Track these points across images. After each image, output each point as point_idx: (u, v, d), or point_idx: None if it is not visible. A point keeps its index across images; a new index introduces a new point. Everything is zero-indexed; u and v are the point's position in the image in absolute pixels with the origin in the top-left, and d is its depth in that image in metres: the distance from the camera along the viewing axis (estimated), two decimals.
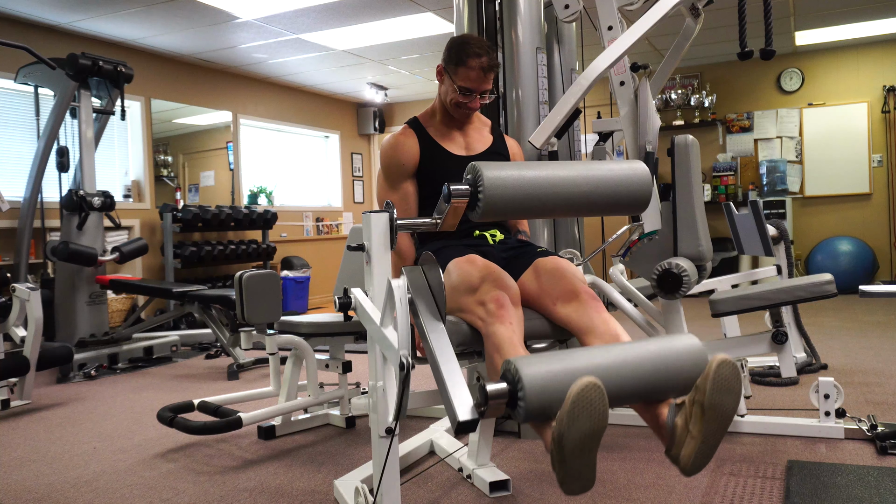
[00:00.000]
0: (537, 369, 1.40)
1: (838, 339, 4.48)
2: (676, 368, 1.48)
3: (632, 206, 1.69)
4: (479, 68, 2.13)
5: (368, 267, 1.72)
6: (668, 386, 1.48)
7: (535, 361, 1.42)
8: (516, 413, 1.40)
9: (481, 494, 2.15)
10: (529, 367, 1.40)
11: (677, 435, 1.47)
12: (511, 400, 1.40)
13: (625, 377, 1.44)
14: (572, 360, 1.42)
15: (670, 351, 1.49)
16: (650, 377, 1.45)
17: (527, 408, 1.37)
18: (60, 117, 4.68)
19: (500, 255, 2.05)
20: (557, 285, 1.87)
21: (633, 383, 1.45)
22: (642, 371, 1.45)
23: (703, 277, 2.67)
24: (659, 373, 1.46)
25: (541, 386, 1.38)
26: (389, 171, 2.24)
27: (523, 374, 1.38)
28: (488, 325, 1.70)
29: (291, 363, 2.92)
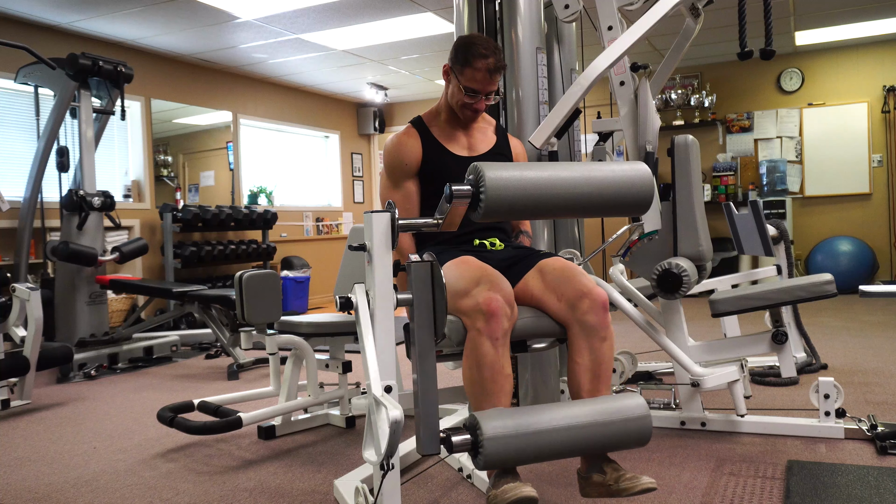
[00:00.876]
0: (498, 428, 1.58)
1: (838, 339, 4.48)
2: (618, 435, 1.68)
3: (634, 207, 1.69)
4: (486, 69, 2.13)
5: (369, 267, 1.72)
6: (607, 448, 1.71)
7: (496, 418, 1.60)
8: (476, 462, 1.59)
9: (481, 494, 2.15)
10: (490, 425, 1.57)
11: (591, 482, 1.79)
12: (473, 450, 1.60)
13: (573, 442, 1.64)
14: (531, 420, 1.61)
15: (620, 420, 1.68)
16: (594, 442, 1.67)
17: (485, 461, 1.57)
18: (60, 117, 4.68)
19: (499, 260, 2.06)
20: (567, 283, 1.90)
21: (578, 446, 1.66)
22: (589, 437, 1.65)
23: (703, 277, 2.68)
24: (603, 439, 1.67)
25: (499, 444, 1.57)
26: (392, 170, 2.24)
27: (485, 431, 1.56)
28: (476, 338, 1.78)
29: (291, 363, 2.92)
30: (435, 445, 1.63)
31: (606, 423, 1.66)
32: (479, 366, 1.76)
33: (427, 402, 1.64)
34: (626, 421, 1.67)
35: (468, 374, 1.80)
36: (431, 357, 1.67)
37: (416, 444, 1.64)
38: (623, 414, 1.67)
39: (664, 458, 2.42)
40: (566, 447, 1.63)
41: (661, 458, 2.42)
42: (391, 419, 1.44)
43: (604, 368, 1.86)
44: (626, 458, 2.43)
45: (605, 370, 1.86)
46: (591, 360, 1.86)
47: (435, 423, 1.64)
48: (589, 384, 1.85)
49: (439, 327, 1.68)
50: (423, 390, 1.65)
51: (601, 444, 1.67)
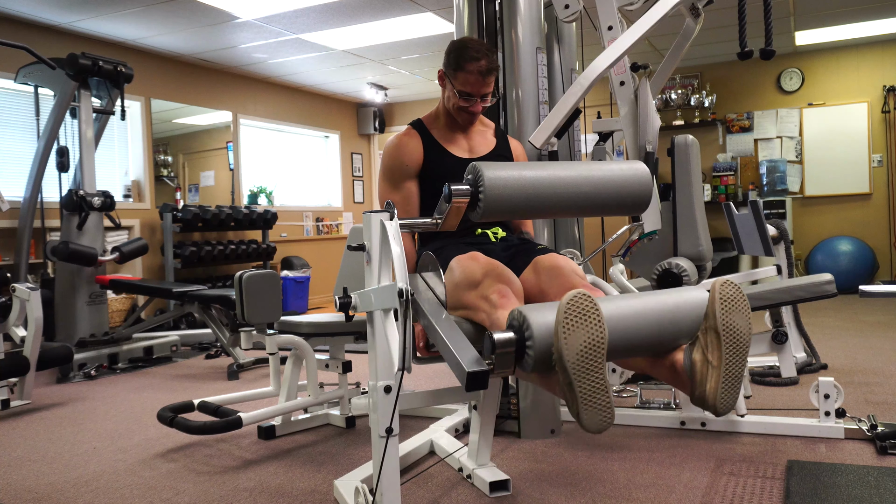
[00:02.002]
0: (544, 315, 1.38)
1: (838, 339, 4.48)
2: (685, 312, 1.47)
3: (632, 206, 1.69)
4: (478, 72, 2.12)
5: (369, 267, 1.72)
6: (679, 330, 1.47)
7: (542, 308, 1.40)
8: (524, 363, 1.38)
9: (481, 494, 2.15)
10: (536, 313, 1.39)
11: (698, 371, 1.45)
12: (519, 348, 1.38)
13: (635, 324, 1.43)
14: None
15: (678, 298, 1.50)
16: (660, 321, 1.45)
17: (535, 355, 1.35)
18: (60, 117, 4.68)
19: (502, 252, 2.05)
20: (555, 283, 1.87)
21: (643, 329, 1.43)
22: (651, 316, 1.44)
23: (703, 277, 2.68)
24: (668, 316, 1.45)
25: (549, 331, 1.35)
26: (392, 171, 2.24)
27: (531, 319, 1.37)
28: (492, 315, 1.67)
29: (291, 363, 2.92)
30: (478, 360, 1.43)
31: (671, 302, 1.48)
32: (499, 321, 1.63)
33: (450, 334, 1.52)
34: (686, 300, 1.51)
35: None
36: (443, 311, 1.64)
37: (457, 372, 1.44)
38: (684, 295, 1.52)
39: (664, 458, 2.42)
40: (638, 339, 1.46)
41: (661, 458, 2.42)
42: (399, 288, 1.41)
43: None
44: (627, 457, 2.43)
45: None
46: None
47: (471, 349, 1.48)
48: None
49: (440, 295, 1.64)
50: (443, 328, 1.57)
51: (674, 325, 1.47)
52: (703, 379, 1.44)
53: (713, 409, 1.44)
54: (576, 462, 2.40)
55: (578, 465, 2.36)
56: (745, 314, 1.45)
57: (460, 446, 2.46)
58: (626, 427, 2.80)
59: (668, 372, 1.55)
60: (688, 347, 1.51)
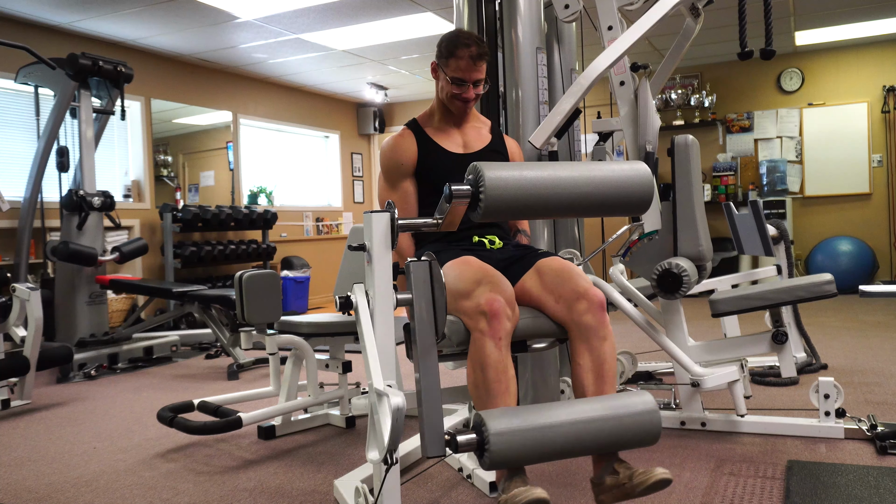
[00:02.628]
0: (504, 426, 1.55)
1: (838, 339, 4.48)
2: (627, 432, 1.64)
3: (633, 207, 1.69)
4: (469, 57, 2.16)
5: (369, 267, 1.72)
6: (616, 446, 1.67)
7: (502, 416, 1.57)
8: (482, 462, 1.56)
9: (481, 494, 2.15)
10: (496, 423, 1.55)
11: (604, 486, 1.72)
12: (479, 450, 1.56)
13: (580, 439, 1.60)
14: (537, 417, 1.59)
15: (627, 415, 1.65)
16: (603, 439, 1.63)
17: (491, 461, 1.54)
18: (60, 117, 4.68)
19: (499, 259, 2.06)
20: (564, 284, 1.89)
21: (586, 444, 1.62)
22: (597, 434, 1.61)
23: (703, 277, 2.68)
24: (612, 436, 1.63)
25: (506, 442, 1.53)
26: (389, 171, 2.27)
27: (490, 430, 1.53)
28: (479, 339, 1.77)
29: (291, 363, 2.92)
30: (440, 447, 1.60)
31: (614, 418, 1.62)
32: (482, 367, 1.76)
33: (430, 402, 1.63)
34: (633, 416, 1.64)
35: (472, 376, 1.80)
36: (433, 356, 1.67)
37: (421, 446, 1.61)
38: (630, 409, 1.64)
39: (664, 458, 2.42)
40: (574, 445, 1.59)
41: (661, 458, 2.42)
42: (393, 407, 1.43)
43: (606, 368, 1.85)
44: (627, 457, 2.42)
45: (607, 369, 1.85)
46: (592, 361, 1.85)
47: (439, 424, 1.62)
48: (593, 384, 1.84)
49: (439, 327, 1.68)
50: (425, 389, 1.64)
51: (609, 441, 1.63)
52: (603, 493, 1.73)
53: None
54: (576, 462, 2.40)
55: (578, 465, 2.36)
56: None
57: None
58: None
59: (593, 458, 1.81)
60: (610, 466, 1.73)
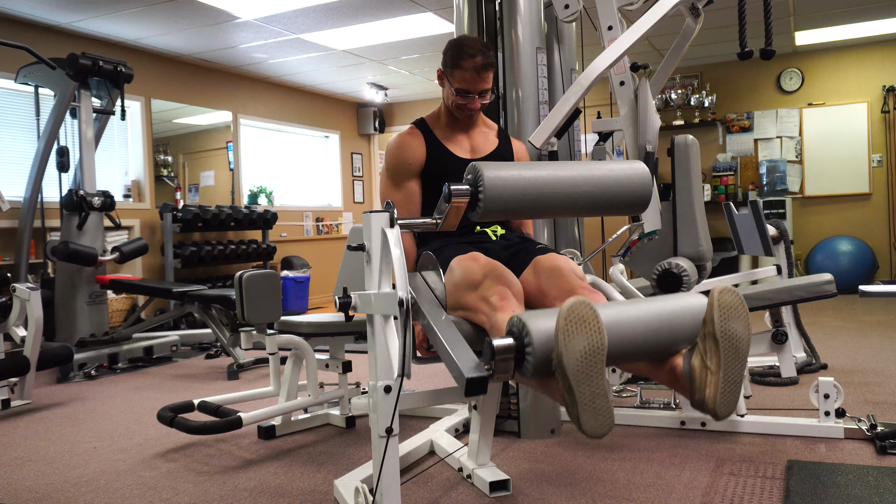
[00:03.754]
0: (544, 322, 1.39)
1: (838, 339, 4.48)
2: (684, 319, 1.49)
3: (632, 206, 1.69)
4: (473, 69, 2.14)
5: (368, 267, 1.72)
6: (678, 337, 1.48)
7: (541, 315, 1.42)
8: (524, 368, 1.39)
9: (481, 494, 2.15)
10: (535, 320, 1.40)
11: (697, 376, 1.47)
12: (518, 354, 1.39)
13: (634, 330, 1.44)
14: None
15: (676, 305, 1.51)
16: (659, 328, 1.46)
17: (534, 361, 1.36)
18: (60, 117, 4.68)
19: (502, 252, 2.05)
20: (555, 284, 1.87)
21: (642, 336, 1.44)
22: (650, 323, 1.46)
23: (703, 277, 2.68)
24: (667, 323, 1.47)
25: (548, 337, 1.36)
26: (395, 170, 2.24)
27: (530, 326, 1.38)
28: (492, 317, 1.68)
29: (291, 363, 2.92)
30: (477, 366, 1.45)
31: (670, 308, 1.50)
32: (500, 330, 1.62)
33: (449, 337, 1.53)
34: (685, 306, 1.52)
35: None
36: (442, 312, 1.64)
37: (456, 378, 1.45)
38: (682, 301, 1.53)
39: (664, 458, 2.42)
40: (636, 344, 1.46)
41: (661, 458, 2.42)
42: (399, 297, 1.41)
43: None
44: (627, 457, 2.43)
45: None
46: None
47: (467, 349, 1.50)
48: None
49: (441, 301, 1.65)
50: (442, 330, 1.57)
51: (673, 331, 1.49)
52: (703, 384, 1.46)
53: (713, 413, 1.45)
54: (576, 462, 2.40)
55: (578, 465, 2.36)
56: (743, 321, 1.46)
57: (460, 446, 2.46)
58: (626, 427, 2.80)
59: (667, 376, 1.56)
60: (687, 353, 1.53)
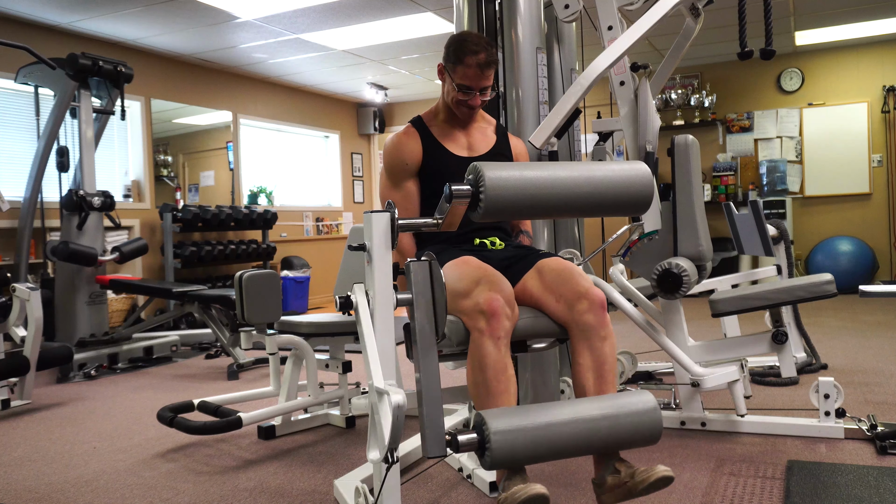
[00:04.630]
0: (505, 425, 1.54)
1: (838, 339, 4.48)
2: (628, 431, 1.64)
3: (633, 207, 1.69)
4: (477, 65, 2.14)
5: (369, 267, 1.72)
6: (617, 445, 1.66)
7: (502, 415, 1.57)
8: (483, 461, 1.55)
9: (481, 494, 2.15)
10: (497, 423, 1.54)
11: (606, 486, 1.71)
12: (479, 449, 1.55)
13: (581, 438, 1.59)
14: (538, 416, 1.58)
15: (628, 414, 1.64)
16: (604, 438, 1.61)
17: (493, 460, 1.53)
18: (60, 117, 4.68)
19: (499, 260, 2.06)
20: (565, 284, 1.89)
21: (586, 443, 1.61)
22: (597, 433, 1.60)
23: (703, 277, 2.68)
24: (613, 435, 1.62)
25: (507, 441, 1.53)
26: (392, 170, 2.24)
27: (491, 429, 1.53)
28: (478, 339, 1.77)
29: (291, 363, 2.92)
30: (441, 447, 1.59)
31: (614, 417, 1.62)
32: (482, 367, 1.76)
33: (430, 402, 1.62)
34: (634, 415, 1.63)
35: (472, 375, 1.79)
36: (434, 355, 1.66)
37: (422, 446, 1.60)
38: (631, 409, 1.64)
39: (664, 458, 2.42)
40: (574, 444, 1.58)
41: (662, 458, 2.42)
42: (393, 404, 1.43)
43: (607, 368, 1.85)
44: (627, 456, 2.42)
45: (608, 369, 1.85)
46: (592, 360, 1.85)
47: (440, 424, 1.61)
48: (593, 384, 1.84)
49: (440, 326, 1.68)
50: (426, 389, 1.63)
51: (610, 440, 1.62)
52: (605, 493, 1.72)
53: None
54: (576, 462, 2.40)
55: (578, 465, 2.36)
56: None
57: None
58: None
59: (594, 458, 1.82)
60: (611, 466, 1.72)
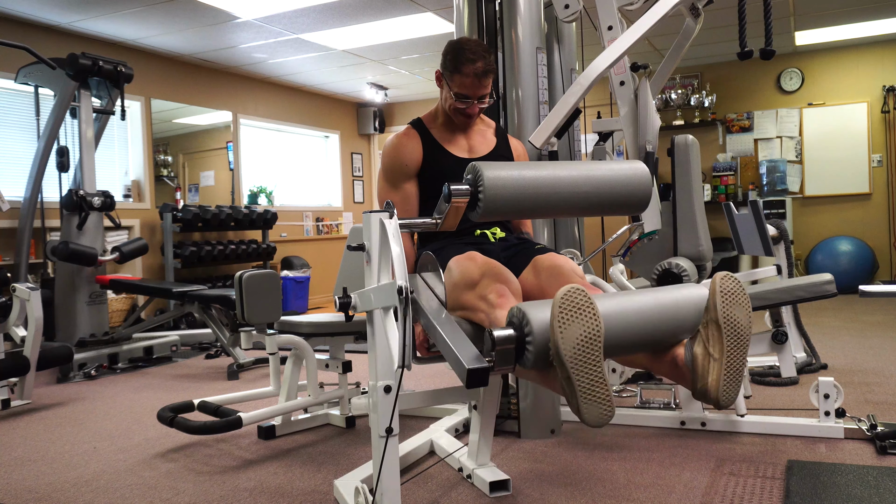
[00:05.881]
0: (544, 312, 1.39)
1: (838, 339, 4.48)
2: (685, 307, 1.49)
3: (632, 206, 1.69)
4: (474, 74, 2.11)
5: (368, 267, 1.72)
6: (679, 325, 1.48)
7: (541, 305, 1.42)
8: (524, 359, 1.39)
9: (481, 494, 2.15)
10: (535, 310, 1.40)
11: (699, 364, 1.47)
12: (518, 344, 1.39)
13: (633, 319, 1.44)
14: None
15: (678, 294, 1.52)
16: (659, 317, 1.46)
17: (535, 351, 1.36)
18: (60, 117, 4.68)
19: (501, 252, 2.05)
20: (556, 282, 1.87)
21: (642, 325, 1.45)
22: (650, 312, 1.46)
23: (703, 277, 2.68)
24: (668, 312, 1.47)
25: (548, 327, 1.36)
26: (392, 171, 2.23)
27: (530, 316, 1.39)
28: (490, 314, 1.67)
29: (291, 363, 2.92)
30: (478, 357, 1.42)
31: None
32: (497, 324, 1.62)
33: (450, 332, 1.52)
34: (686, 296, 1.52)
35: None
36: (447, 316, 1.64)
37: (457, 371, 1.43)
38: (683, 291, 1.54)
39: (664, 458, 2.42)
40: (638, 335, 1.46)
41: (661, 458, 2.42)
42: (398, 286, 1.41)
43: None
44: (627, 457, 2.43)
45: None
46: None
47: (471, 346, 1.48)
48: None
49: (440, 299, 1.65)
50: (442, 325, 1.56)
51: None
52: (705, 372, 1.46)
53: (715, 401, 1.45)
54: (576, 462, 2.40)
55: (578, 465, 2.36)
56: (745, 307, 1.48)
57: (460, 446, 2.46)
58: (626, 427, 2.80)
59: (668, 367, 1.56)
60: (689, 342, 1.55)
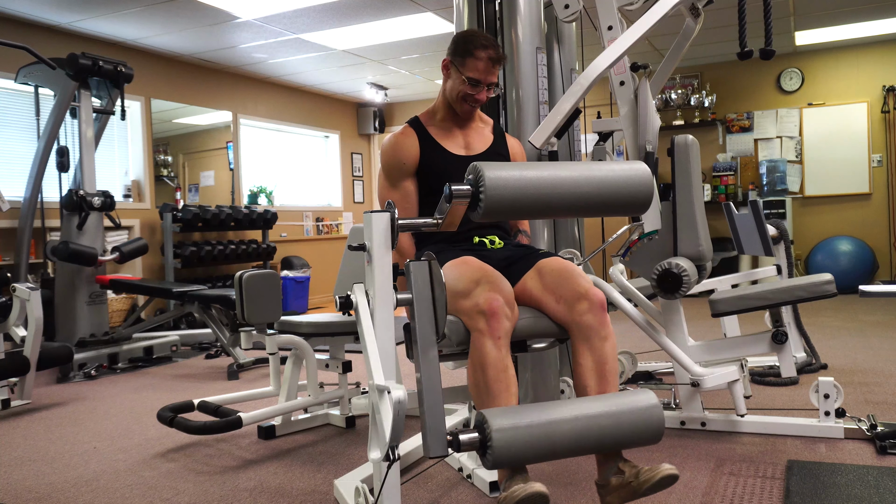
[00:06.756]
0: (506, 423, 1.54)
1: (838, 339, 4.48)
2: (630, 429, 1.63)
3: (633, 206, 1.69)
4: (488, 59, 2.16)
5: (369, 267, 1.72)
6: (619, 444, 1.65)
7: (504, 414, 1.57)
8: (485, 461, 1.55)
9: (481, 494, 2.15)
10: (498, 421, 1.54)
11: (610, 487, 1.73)
12: (481, 448, 1.55)
13: (583, 437, 1.59)
14: (539, 415, 1.57)
15: (630, 412, 1.64)
16: (606, 437, 1.61)
17: (494, 459, 1.52)
18: (60, 117, 4.68)
19: (499, 259, 2.06)
20: (565, 284, 1.89)
21: (588, 442, 1.60)
22: (600, 431, 1.60)
23: (703, 277, 2.68)
24: (615, 433, 1.62)
25: (508, 440, 1.52)
26: (390, 170, 2.25)
27: (493, 428, 1.52)
28: (478, 339, 1.77)
29: (291, 363, 2.92)
30: (442, 447, 1.58)
31: (616, 415, 1.61)
32: (482, 367, 1.76)
33: (431, 401, 1.61)
34: (636, 413, 1.62)
35: (472, 375, 1.80)
36: (434, 356, 1.66)
37: (423, 446, 1.60)
38: (633, 406, 1.63)
39: (664, 458, 2.42)
40: (576, 443, 1.57)
41: (662, 458, 2.42)
42: (394, 400, 1.43)
43: (608, 368, 1.85)
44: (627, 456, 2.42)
45: (609, 369, 1.85)
46: (593, 361, 1.85)
47: (441, 424, 1.60)
48: (595, 384, 1.83)
49: (440, 326, 1.68)
50: (426, 389, 1.63)
51: (612, 439, 1.61)
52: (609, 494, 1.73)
53: None
54: (576, 462, 2.40)
55: (578, 465, 2.36)
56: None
57: None
58: None
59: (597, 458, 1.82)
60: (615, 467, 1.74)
